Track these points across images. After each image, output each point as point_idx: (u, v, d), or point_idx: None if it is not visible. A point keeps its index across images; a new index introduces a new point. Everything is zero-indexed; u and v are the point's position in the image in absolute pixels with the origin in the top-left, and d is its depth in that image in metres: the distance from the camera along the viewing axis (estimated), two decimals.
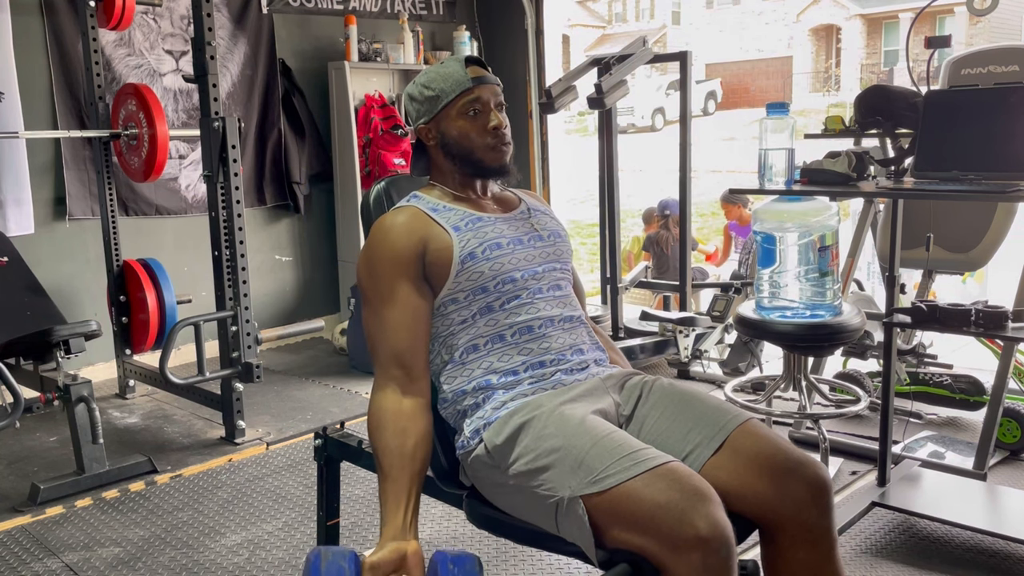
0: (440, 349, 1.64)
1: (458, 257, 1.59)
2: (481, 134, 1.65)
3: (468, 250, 1.59)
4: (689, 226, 4.19)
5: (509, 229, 1.67)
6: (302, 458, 3.13)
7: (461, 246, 1.59)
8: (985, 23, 16.42)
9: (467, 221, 1.64)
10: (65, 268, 4.05)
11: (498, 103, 1.68)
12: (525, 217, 1.73)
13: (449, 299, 1.61)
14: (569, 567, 2.29)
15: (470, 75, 1.65)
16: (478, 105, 1.65)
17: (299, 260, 4.98)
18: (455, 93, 1.65)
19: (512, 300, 1.61)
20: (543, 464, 1.44)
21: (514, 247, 1.64)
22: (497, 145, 1.66)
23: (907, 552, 2.35)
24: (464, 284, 1.59)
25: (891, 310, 2.39)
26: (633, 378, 1.68)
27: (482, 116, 1.65)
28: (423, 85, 1.68)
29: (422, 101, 1.68)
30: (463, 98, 1.65)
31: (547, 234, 1.72)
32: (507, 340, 1.61)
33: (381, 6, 5.10)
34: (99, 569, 2.40)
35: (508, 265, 1.62)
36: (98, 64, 3.72)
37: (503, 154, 1.68)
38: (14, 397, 2.66)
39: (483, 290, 1.60)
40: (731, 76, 22.33)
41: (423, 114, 1.69)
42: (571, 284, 1.75)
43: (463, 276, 1.59)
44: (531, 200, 1.80)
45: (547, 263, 1.68)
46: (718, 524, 1.27)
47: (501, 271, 1.61)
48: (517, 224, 1.69)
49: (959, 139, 2.17)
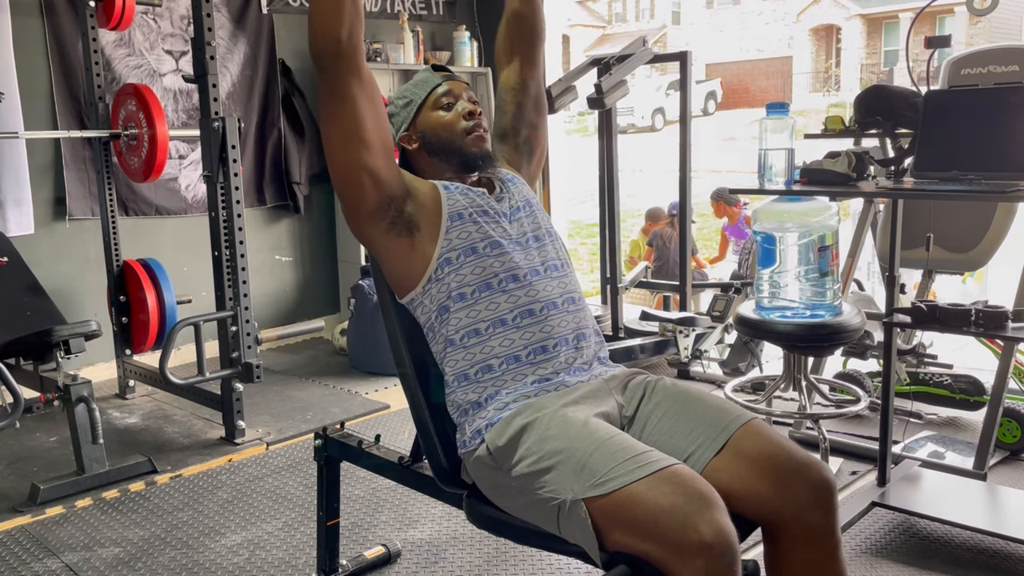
0: (439, 328, 1.64)
1: (447, 212, 1.64)
2: (457, 120, 1.72)
3: (456, 209, 1.65)
4: (689, 226, 4.19)
5: (494, 206, 1.71)
6: (302, 458, 3.13)
7: (450, 203, 1.65)
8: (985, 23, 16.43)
9: (457, 186, 1.70)
10: (65, 268, 4.05)
11: (470, 97, 1.76)
12: (503, 195, 1.76)
13: (443, 259, 1.63)
14: (569, 567, 2.29)
15: (438, 76, 1.76)
16: (450, 98, 1.74)
17: (299, 260, 4.98)
18: (427, 91, 1.74)
19: (511, 281, 1.63)
20: (545, 466, 1.44)
21: (499, 217, 1.69)
22: (475, 128, 1.72)
23: (907, 552, 2.35)
24: (455, 242, 1.63)
25: (891, 310, 2.39)
26: (636, 378, 1.68)
27: (456, 105, 1.74)
28: (398, 97, 1.79)
29: (399, 110, 1.77)
30: (435, 93, 1.74)
31: (523, 203, 1.75)
32: (508, 324, 1.61)
33: (381, 6, 5.10)
34: (99, 569, 2.40)
35: (495, 230, 1.65)
36: (98, 64, 3.72)
37: (482, 139, 1.73)
38: (14, 397, 2.66)
39: (472, 251, 1.63)
40: (731, 76, 22.34)
41: (402, 122, 1.76)
42: (567, 259, 1.77)
43: (452, 233, 1.63)
44: (501, 172, 1.82)
45: (532, 234, 1.71)
46: (722, 529, 1.26)
47: (488, 235, 1.64)
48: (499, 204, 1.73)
49: (959, 139, 2.16)
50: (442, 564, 2.35)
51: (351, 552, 2.37)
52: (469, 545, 2.44)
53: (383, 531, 2.55)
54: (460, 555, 2.39)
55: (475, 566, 2.33)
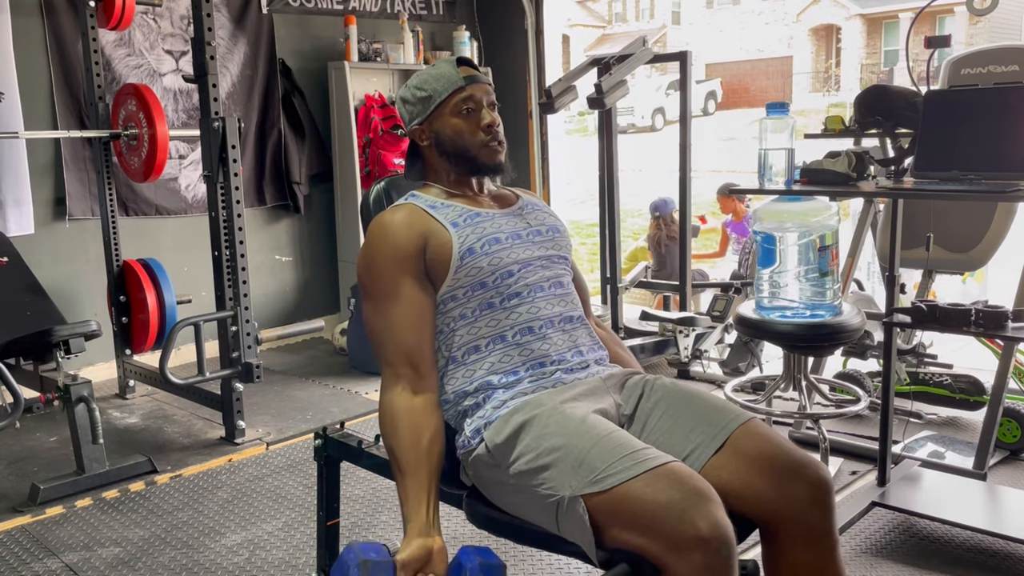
0: (441, 347, 1.64)
1: (457, 253, 1.59)
2: (475, 132, 1.67)
3: (467, 246, 1.60)
4: (689, 225, 4.19)
5: (507, 224, 1.67)
6: (302, 458, 3.13)
7: (460, 242, 1.60)
8: (985, 23, 16.43)
9: (465, 217, 1.64)
10: (65, 268, 4.05)
11: (490, 102, 1.70)
12: (522, 213, 1.73)
13: (448, 296, 1.61)
14: (569, 567, 2.29)
15: (462, 75, 1.67)
16: (471, 104, 1.67)
17: (299, 260, 4.98)
18: (448, 92, 1.66)
19: (512, 298, 1.62)
20: (544, 463, 1.44)
21: (512, 242, 1.65)
22: (491, 142, 1.68)
23: (907, 552, 2.35)
24: (463, 280, 1.60)
25: (891, 310, 2.39)
26: (633, 377, 1.68)
27: (475, 114, 1.67)
28: (415, 87, 1.71)
29: (415, 103, 1.70)
30: (456, 96, 1.67)
31: (545, 229, 1.73)
32: (508, 340, 1.61)
33: (381, 6, 5.10)
34: (99, 569, 2.40)
35: (507, 259, 1.62)
36: (98, 64, 3.72)
37: (497, 152, 1.69)
38: (14, 397, 2.66)
39: (482, 285, 1.60)
40: (731, 76, 22.34)
41: (416, 115, 1.71)
42: (572, 281, 1.75)
43: (462, 272, 1.59)
44: (528, 197, 1.81)
45: (546, 258, 1.68)
46: (719, 524, 1.27)
47: (500, 265, 1.61)
48: (515, 220, 1.70)
49: (959, 139, 2.16)
50: None
51: None
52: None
53: (383, 531, 2.55)
54: None
55: None
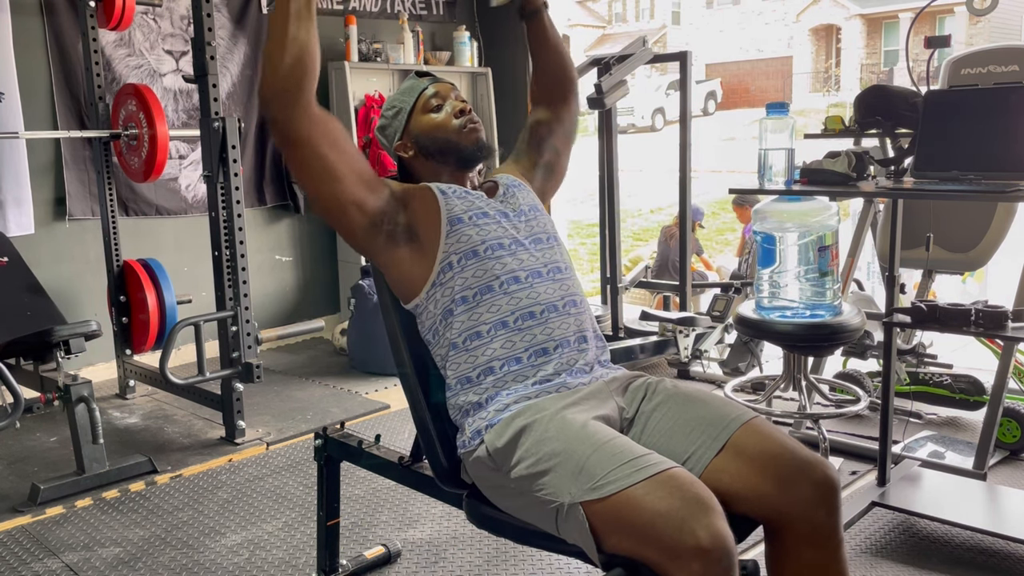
0: (441, 331, 1.65)
1: (446, 217, 1.64)
2: (449, 120, 1.75)
3: (455, 213, 1.65)
4: (689, 226, 4.19)
5: (494, 207, 1.71)
6: (302, 458, 3.13)
7: (448, 208, 1.66)
8: (985, 23, 16.43)
9: (455, 190, 1.70)
10: (65, 268, 4.05)
11: (457, 96, 1.78)
12: (505, 198, 1.77)
13: (445, 263, 1.63)
14: (569, 567, 2.29)
15: (423, 81, 1.78)
16: (438, 99, 1.76)
17: (299, 260, 4.98)
18: (415, 96, 1.77)
19: (512, 283, 1.63)
20: (543, 468, 1.44)
21: (500, 218, 1.69)
22: (467, 124, 1.75)
23: (907, 552, 2.35)
24: (455, 246, 1.64)
25: (891, 310, 2.39)
26: (637, 380, 1.68)
27: (445, 105, 1.76)
28: (386, 109, 1.81)
29: (390, 121, 1.79)
30: (423, 97, 1.76)
31: (527, 208, 1.76)
32: (510, 326, 1.61)
33: (381, 6, 5.10)
34: (99, 569, 2.40)
35: (495, 232, 1.66)
36: (98, 64, 3.72)
37: (476, 131, 1.75)
38: (14, 397, 2.66)
39: (474, 254, 1.63)
40: (731, 76, 22.34)
41: (394, 132, 1.78)
42: (569, 263, 1.77)
43: (452, 238, 1.64)
44: (505, 178, 1.83)
45: (534, 237, 1.72)
46: (719, 534, 1.25)
47: (489, 236, 1.65)
48: (501, 206, 1.74)
49: (959, 139, 2.16)
50: (442, 564, 2.35)
51: (351, 552, 2.37)
52: (469, 545, 2.44)
53: (383, 531, 2.55)
54: (460, 555, 2.39)
55: (475, 566, 2.33)
